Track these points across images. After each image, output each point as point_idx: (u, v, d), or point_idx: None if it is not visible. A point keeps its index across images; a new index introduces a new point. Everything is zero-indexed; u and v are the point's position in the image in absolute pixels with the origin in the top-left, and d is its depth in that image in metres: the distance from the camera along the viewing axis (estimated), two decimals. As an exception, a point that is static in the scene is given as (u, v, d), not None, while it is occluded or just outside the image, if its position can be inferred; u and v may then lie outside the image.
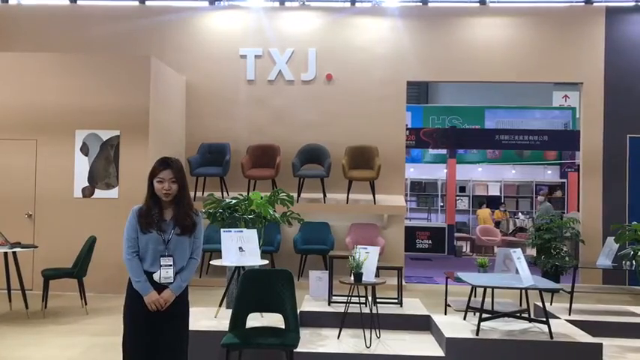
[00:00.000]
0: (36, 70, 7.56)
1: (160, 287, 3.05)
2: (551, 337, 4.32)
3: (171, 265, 3.06)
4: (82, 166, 7.45)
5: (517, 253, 4.58)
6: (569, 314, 5.35)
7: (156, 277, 3.04)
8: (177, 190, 3.11)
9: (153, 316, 3.02)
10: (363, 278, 4.61)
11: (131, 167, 7.36)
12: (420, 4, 9.22)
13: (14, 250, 5.97)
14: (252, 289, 3.69)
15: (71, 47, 8.82)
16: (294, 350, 3.58)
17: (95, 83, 7.57)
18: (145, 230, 3.07)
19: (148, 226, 3.07)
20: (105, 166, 7.44)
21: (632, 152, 8.63)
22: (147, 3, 9.43)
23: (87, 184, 7.44)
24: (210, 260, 7.66)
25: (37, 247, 6.52)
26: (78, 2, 9.51)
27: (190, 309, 4.74)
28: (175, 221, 3.11)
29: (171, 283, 3.06)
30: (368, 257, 4.68)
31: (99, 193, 7.42)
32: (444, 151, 14.56)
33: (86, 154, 7.46)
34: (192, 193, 8.39)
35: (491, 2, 9.21)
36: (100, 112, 7.48)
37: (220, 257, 5.03)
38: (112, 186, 7.41)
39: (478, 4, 9.18)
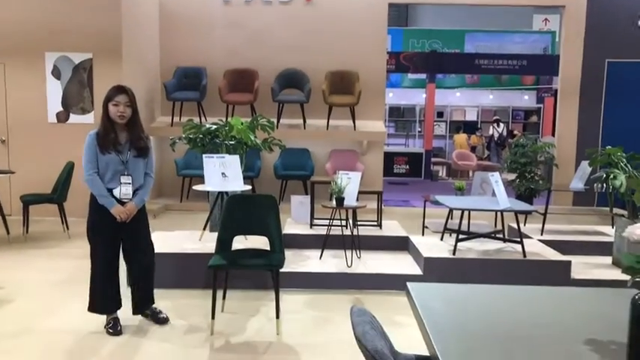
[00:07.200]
0: (-2, -13, 7.14)
1: (120, 204, 3.42)
2: (525, 255, 4.52)
3: (130, 184, 3.43)
4: (54, 91, 7.23)
5: (495, 177, 4.70)
6: (542, 234, 5.58)
7: (116, 192, 3.41)
8: (130, 114, 3.41)
9: (119, 226, 3.43)
10: (345, 202, 4.70)
11: (106, 91, 7.14)
12: None
13: (-9, 176, 5.89)
14: (237, 214, 3.73)
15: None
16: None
17: (63, 1, 7.19)
18: (105, 151, 3.36)
19: (106, 148, 3.36)
20: (79, 90, 7.23)
21: (609, 77, 8.70)
22: None
23: (61, 108, 7.25)
24: (190, 185, 7.74)
25: (14, 172, 6.43)
26: None
27: (174, 232, 4.96)
28: (130, 144, 3.43)
29: (130, 199, 3.44)
30: (350, 182, 4.75)
31: (74, 118, 7.26)
32: (423, 76, 14.47)
33: (58, 78, 7.22)
34: (168, 119, 8.29)
35: None
36: (70, 33, 7.18)
37: (201, 183, 5.04)
38: (87, 111, 7.24)
39: None
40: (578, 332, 1.67)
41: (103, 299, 3.49)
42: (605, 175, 4.68)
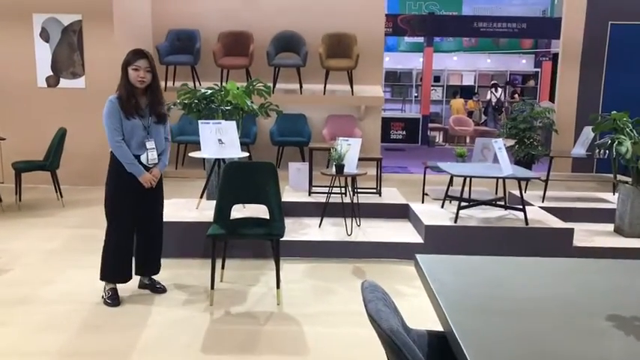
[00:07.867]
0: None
1: (145, 168, 3.41)
2: (527, 223, 4.46)
3: (154, 148, 3.44)
4: (43, 54, 6.99)
5: (498, 144, 4.60)
6: (543, 201, 5.52)
7: (143, 158, 3.40)
8: (150, 79, 3.34)
9: (140, 197, 3.44)
10: (345, 169, 4.61)
11: (97, 55, 6.95)
12: None
13: (-20, 143, 5.73)
14: (235, 181, 3.64)
15: None
16: (279, 239, 3.61)
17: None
18: (130, 116, 3.31)
19: (130, 113, 3.30)
20: (69, 53, 7.00)
21: (612, 40, 8.51)
22: None
23: (51, 73, 7.03)
24: (186, 151, 7.61)
25: (4, 139, 6.28)
26: None
27: (171, 200, 4.93)
28: (150, 109, 3.39)
29: (156, 164, 3.48)
30: (350, 149, 4.65)
31: (64, 83, 7.05)
32: (419, 40, 14.19)
33: (47, 41, 6.98)
34: (162, 83, 8.08)
35: None
36: (58, -7, 6.91)
37: (196, 149, 4.92)
38: (78, 75, 7.03)
39: None
40: (598, 307, 1.60)
41: (115, 270, 3.46)
42: (610, 141, 4.59)
